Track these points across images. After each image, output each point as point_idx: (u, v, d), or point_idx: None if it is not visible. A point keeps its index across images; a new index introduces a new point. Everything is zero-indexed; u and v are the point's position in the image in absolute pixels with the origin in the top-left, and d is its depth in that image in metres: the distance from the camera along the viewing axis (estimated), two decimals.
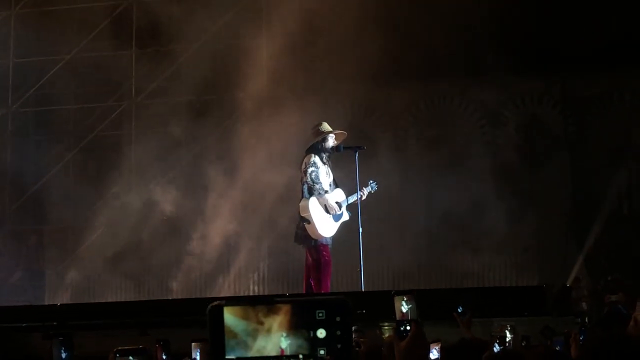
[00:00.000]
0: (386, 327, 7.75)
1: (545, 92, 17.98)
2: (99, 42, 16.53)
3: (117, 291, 15.81)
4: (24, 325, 10.12)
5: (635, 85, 17.74)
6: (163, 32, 16.95)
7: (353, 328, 1.46)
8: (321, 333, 1.45)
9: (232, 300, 1.47)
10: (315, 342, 1.45)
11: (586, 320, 10.35)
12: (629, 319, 4.72)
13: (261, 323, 1.44)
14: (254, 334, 1.43)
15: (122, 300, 15.16)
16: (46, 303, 15.16)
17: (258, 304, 1.47)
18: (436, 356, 4.26)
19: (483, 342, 4.77)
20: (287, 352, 1.44)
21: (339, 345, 1.46)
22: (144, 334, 9.30)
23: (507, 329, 4.69)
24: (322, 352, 1.45)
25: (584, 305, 14.17)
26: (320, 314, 1.46)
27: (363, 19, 14.25)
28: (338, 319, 1.46)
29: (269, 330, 1.44)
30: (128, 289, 15.78)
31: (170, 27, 16.61)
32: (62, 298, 15.34)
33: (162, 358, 3.87)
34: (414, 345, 2.72)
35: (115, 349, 3.30)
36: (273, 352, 1.44)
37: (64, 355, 3.20)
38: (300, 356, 1.45)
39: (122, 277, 15.87)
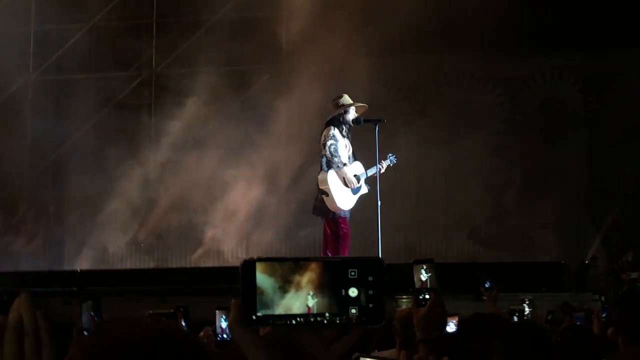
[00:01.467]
0: (404, 300, 7.79)
1: (565, 69, 17.89)
2: (120, 11, 16.53)
3: (135, 259, 15.93)
4: (43, 290, 10.23)
5: None
6: (184, 2, 16.94)
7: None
8: (353, 292, 1.46)
9: (264, 258, 1.49)
10: (347, 301, 1.47)
11: (602, 298, 10.37)
12: None
13: (289, 281, 1.46)
14: (281, 292, 1.45)
15: (141, 267, 15.27)
16: (65, 269, 15.30)
17: (289, 263, 1.49)
18: (453, 329, 4.30)
19: (499, 316, 4.81)
20: (314, 311, 1.46)
21: (370, 305, 1.47)
22: (163, 301, 9.39)
23: (526, 303, 4.71)
24: (353, 310, 1.47)
25: (601, 283, 14.17)
26: (353, 273, 1.47)
27: None
28: (370, 278, 1.47)
29: (297, 289, 1.46)
30: (146, 257, 15.90)
31: None
32: (82, 264, 15.48)
33: (182, 324, 3.91)
34: (433, 313, 2.74)
35: (148, 312, 3.36)
36: (300, 310, 1.46)
37: (94, 319, 3.25)
38: (327, 314, 1.46)
39: (140, 245, 15.98)
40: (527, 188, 17.31)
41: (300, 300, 1.44)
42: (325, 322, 1.43)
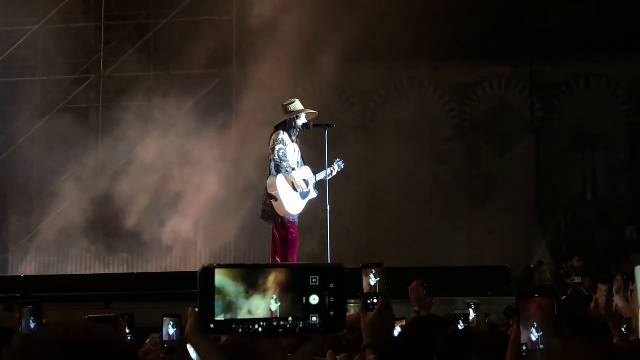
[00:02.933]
0: (351, 305, 7.78)
1: (513, 76, 18.13)
2: (68, 13, 16.31)
3: (81, 264, 15.71)
4: None
5: (602, 72, 17.95)
6: (133, 5, 16.80)
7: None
8: (314, 299, 1.45)
9: (224, 265, 1.46)
10: (308, 309, 1.45)
11: None
12: (591, 300, 4.80)
13: (252, 286, 1.44)
14: (244, 296, 1.43)
15: (87, 273, 15.07)
16: (9, 274, 15.02)
17: (250, 268, 1.47)
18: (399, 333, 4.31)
19: (443, 320, 4.83)
20: (277, 315, 1.44)
21: (331, 313, 1.45)
22: (108, 307, 9.28)
23: (471, 307, 4.73)
24: (314, 318, 1.45)
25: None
26: (314, 280, 1.46)
27: (333, 0, 14.23)
28: (332, 285, 1.46)
29: (259, 293, 1.44)
30: (92, 263, 15.69)
31: (140, 0, 16.49)
32: (26, 270, 15.22)
33: (126, 332, 3.86)
34: (380, 318, 2.75)
35: (87, 317, 3.32)
36: (263, 315, 1.44)
37: (32, 325, 3.19)
38: (290, 319, 1.44)
39: (86, 250, 15.76)
40: (475, 193, 17.50)
41: (264, 304, 1.43)
42: (288, 326, 1.42)
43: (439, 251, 16.07)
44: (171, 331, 3.85)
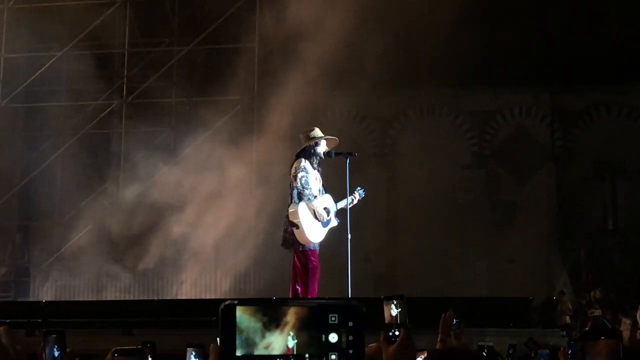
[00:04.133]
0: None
1: (534, 104, 18.11)
2: (91, 40, 16.49)
3: (101, 289, 15.75)
4: (7, 321, 10.09)
5: (622, 100, 17.91)
6: (156, 32, 16.96)
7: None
8: (333, 337, 1.48)
9: (245, 301, 1.49)
10: (327, 346, 1.48)
11: (571, 333, 10.40)
12: (612, 331, 4.76)
13: (270, 322, 1.47)
14: (262, 332, 1.46)
15: (107, 299, 15.10)
16: (31, 299, 15.09)
17: (270, 305, 1.50)
18: None
19: (468, 350, 4.80)
20: (295, 352, 1.47)
21: (350, 351, 1.48)
22: (128, 333, 9.29)
23: (485, 351, 4.69)
24: (333, 356, 1.48)
25: (567, 318, 14.26)
26: (333, 318, 1.49)
27: (355, 27, 14.29)
28: (351, 324, 1.48)
29: (277, 330, 1.47)
30: (113, 289, 15.73)
31: (163, 27, 16.64)
32: (47, 295, 15.29)
33: None
34: (402, 350, 2.75)
35: (114, 349, 3.33)
36: (280, 351, 1.46)
37: (56, 353, 3.21)
38: (307, 356, 1.47)
39: (107, 275, 15.81)
40: (495, 222, 17.44)
41: (281, 340, 1.45)
42: None
43: (459, 279, 16.01)
44: None
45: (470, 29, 16.03)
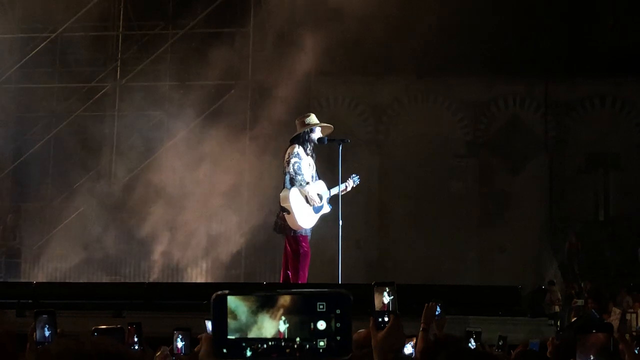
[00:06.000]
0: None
1: (528, 95, 18.13)
2: (86, 21, 16.41)
3: (92, 272, 15.74)
4: None
5: (616, 92, 17.94)
6: (151, 16, 16.90)
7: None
8: (321, 325, 1.50)
9: (236, 290, 1.52)
10: (315, 334, 1.50)
11: (558, 323, 10.45)
12: (604, 324, 4.78)
13: (262, 308, 1.49)
14: (254, 317, 1.48)
15: (98, 281, 15.10)
16: (22, 280, 15.08)
17: (260, 293, 1.53)
18: (410, 351, 4.31)
19: (458, 339, 4.83)
20: (286, 336, 1.49)
21: (338, 337, 1.50)
22: (119, 316, 9.29)
23: (472, 337, 4.72)
24: (321, 343, 1.50)
25: (556, 308, 14.35)
26: (321, 306, 1.51)
27: (349, 14, 14.26)
28: (338, 311, 1.50)
29: (268, 315, 1.49)
30: (104, 271, 15.73)
31: (158, 10, 16.58)
32: (38, 276, 15.27)
33: (134, 341, 3.88)
34: (391, 337, 2.76)
35: (93, 328, 3.34)
36: (271, 335, 1.49)
37: (47, 333, 3.23)
38: (298, 339, 1.49)
39: (98, 258, 15.80)
40: (487, 211, 17.48)
41: (272, 325, 1.47)
42: (296, 347, 1.46)
43: (449, 267, 16.05)
44: (180, 344, 3.87)
45: (465, 19, 16.03)
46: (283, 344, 1.46)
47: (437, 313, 4.52)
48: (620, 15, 17.29)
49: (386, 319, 2.81)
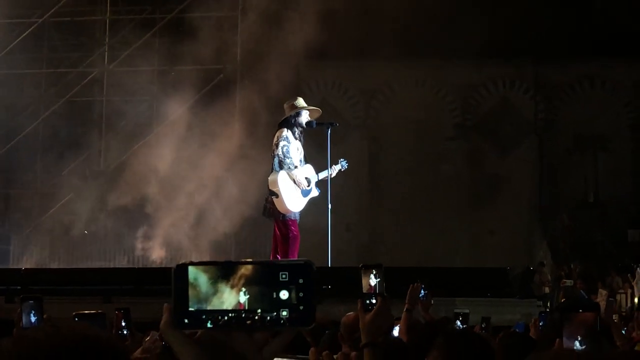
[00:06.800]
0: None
1: (517, 77, 18.12)
2: (73, 6, 16.31)
3: (81, 257, 15.72)
4: None
5: (606, 74, 17.95)
6: (139, 0, 16.81)
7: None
8: (284, 294, 1.48)
9: (197, 262, 1.51)
10: (278, 303, 1.49)
11: (548, 304, 10.48)
12: (591, 304, 4.80)
13: (223, 279, 1.48)
14: (215, 289, 1.48)
15: (87, 267, 15.08)
16: (11, 266, 15.04)
17: (222, 265, 1.51)
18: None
19: (446, 321, 4.84)
20: (246, 307, 1.48)
21: (301, 307, 1.49)
22: (108, 301, 9.29)
23: (459, 319, 4.72)
24: (284, 312, 1.49)
25: (545, 289, 14.40)
26: (284, 276, 1.49)
27: None
28: (301, 281, 1.49)
29: (229, 286, 1.48)
30: (93, 257, 15.70)
31: None
32: (27, 262, 15.24)
33: (122, 326, 3.86)
34: (379, 318, 2.76)
35: (74, 313, 3.33)
36: (232, 306, 1.48)
37: (33, 319, 3.21)
38: (259, 311, 1.48)
39: (87, 243, 15.78)
40: (477, 194, 17.51)
41: (233, 296, 1.46)
42: (257, 318, 1.46)
43: (440, 250, 16.08)
44: None
45: (454, 2, 15.98)
46: (243, 315, 1.46)
47: (421, 294, 4.53)
48: None
49: (374, 301, 2.80)
